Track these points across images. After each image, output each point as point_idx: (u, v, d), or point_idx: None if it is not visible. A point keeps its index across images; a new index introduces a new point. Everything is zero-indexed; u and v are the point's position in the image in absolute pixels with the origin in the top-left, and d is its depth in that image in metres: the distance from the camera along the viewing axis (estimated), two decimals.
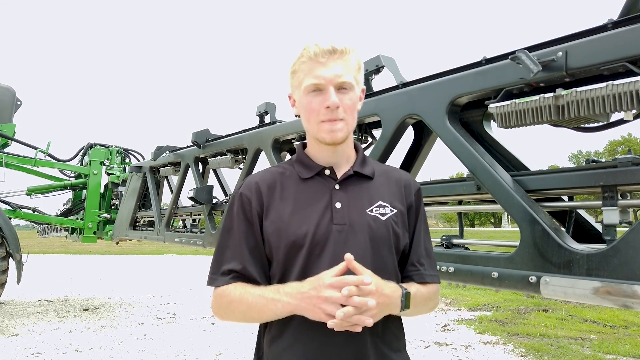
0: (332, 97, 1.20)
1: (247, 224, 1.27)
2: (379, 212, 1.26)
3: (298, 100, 1.28)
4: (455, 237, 2.10)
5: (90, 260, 18.68)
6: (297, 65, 1.25)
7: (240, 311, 1.22)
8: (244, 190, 1.29)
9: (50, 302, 8.56)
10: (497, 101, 1.83)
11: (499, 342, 5.88)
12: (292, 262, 1.21)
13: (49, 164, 7.64)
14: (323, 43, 1.21)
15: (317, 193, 1.26)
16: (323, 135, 1.24)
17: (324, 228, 1.21)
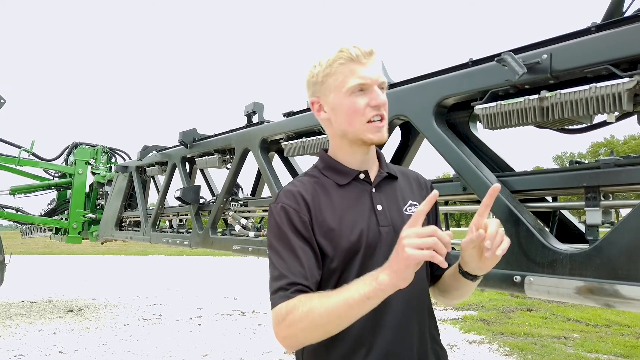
0: (381, 96, 1.23)
1: (299, 235, 1.21)
2: (412, 212, 1.29)
3: (336, 102, 1.26)
4: None
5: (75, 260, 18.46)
6: (335, 67, 1.24)
7: (319, 318, 1.07)
8: (287, 201, 1.24)
9: (34, 304, 8.45)
10: (483, 103, 1.85)
11: (483, 341, 5.95)
12: (348, 267, 1.21)
13: (33, 163, 7.54)
14: (362, 45, 1.23)
15: (358, 197, 1.27)
16: (370, 135, 1.25)
17: (374, 231, 1.23)
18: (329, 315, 1.07)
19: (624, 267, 1.39)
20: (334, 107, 1.27)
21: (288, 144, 2.99)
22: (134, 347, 5.51)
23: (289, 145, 2.98)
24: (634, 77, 1.44)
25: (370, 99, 1.23)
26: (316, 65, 1.27)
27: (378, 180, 1.31)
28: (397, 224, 1.25)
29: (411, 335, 1.23)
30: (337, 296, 1.07)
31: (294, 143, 2.93)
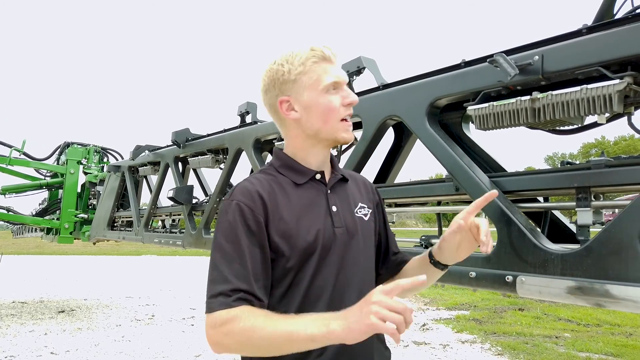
0: (353, 94, 1.27)
1: (251, 236, 1.17)
2: (362, 214, 1.34)
3: (311, 100, 1.24)
4: (434, 238, 2.13)
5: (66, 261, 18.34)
6: (308, 65, 1.24)
7: (259, 340, 1.06)
8: (242, 199, 1.19)
9: (25, 304, 8.39)
10: (476, 103, 1.85)
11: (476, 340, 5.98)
12: (303, 268, 1.20)
13: (24, 162, 7.48)
14: (330, 46, 1.26)
15: (315, 198, 1.28)
16: (343, 134, 1.27)
17: (329, 232, 1.24)
18: (270, 341, 1.06)
19: (615, 267, 1.40)
20: (308, 105, 1.25)
21: (281, 144, 2.99)
22: (127, 348, 5.49)
23: (282, 145, 2.98)
24: (625, 78, 1.45)
25: (342, 97, 1.26)
26: (283, 64, 1.25)
27: (333, 182, 1.32)
28: (349, 225, 1.29)
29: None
30: (283, 325, 1.05)
31: None
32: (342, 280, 1.23)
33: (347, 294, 1.22)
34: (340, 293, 1.22)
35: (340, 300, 1.20)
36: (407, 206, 2.46)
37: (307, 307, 1.18)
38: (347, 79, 1.29)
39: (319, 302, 1.20)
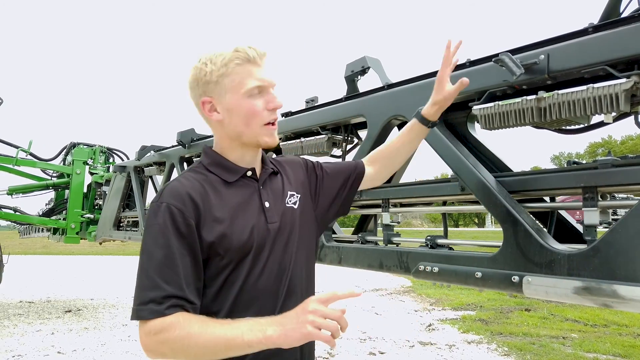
0: (278, 98, 1.24)
1: (181, 239, 1.14)
2: (292, 202, 1.35)
3: (232, 103, 1.23)
4: (440, 238, 2.12)
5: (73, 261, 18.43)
6: (231, 67, 1.21)
7: (196, 347, 1.07)
8: (171, 201, 1.16)
9: (32, 304, 8.44)
10: (481, 103, 1.85)
11: (482, 341, 5.95)
12: (239, 266, 1.20)
13: (31, 163, 7.52)
14: (257, 46, 1.22)
15: (247, 195, 1.27)
16: (266, 139, 1.25)
17: (263, 229, 1.24)
18: (207, 348, 1.06)
19: (622, 267, 1.39)
20: (229, 108, 1.23)
21: (286, 144, 2.99)
22: (133, 347, 5.50)
23: (287, 145, 2.98)
24: (631, 77, 1.44)
25: (267, 101, 1.23)
26: (207, 64, 1.23)
27: (264, 177, 1.33)
28: (283, 219, 1.30)
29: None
30: (219, 330, 1.07)
31: (292, 143, 2.93)
32: (278, 273, 1.24)
33: (282, 287, 1.24)
34: (276, 287, 1.24)
35: (276, 294, 1.22)
36: (412, 206, 2.45)
37: (241, 306, 1.18)
38: (274, 81, 1.24)
39: (255, 300, 1.20)
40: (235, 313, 1.18)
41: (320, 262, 2.65)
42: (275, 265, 1.24)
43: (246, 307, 1.19)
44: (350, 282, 12.20)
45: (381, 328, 6.65)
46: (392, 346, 5.69)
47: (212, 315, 1.17)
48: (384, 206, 2.42)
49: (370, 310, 8.06)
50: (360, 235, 2.53)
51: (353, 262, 2.43)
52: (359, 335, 6.24)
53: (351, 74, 2.68)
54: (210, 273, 1.19)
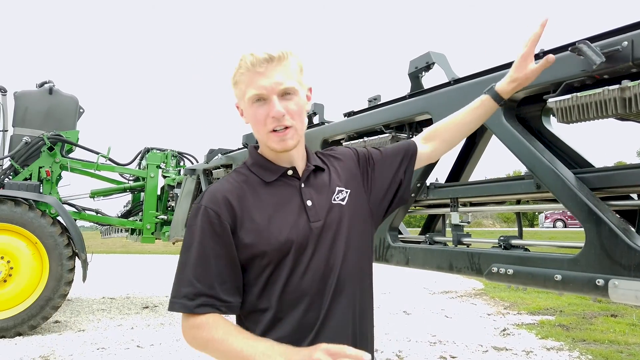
0: (276, 107, 1.20)
1: (216, 239, 1.21)
2: (340, 199, 1.32)
3: (244, 110, 1.28)
4: (514, 238, 2.01)
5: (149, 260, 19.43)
6: (237, 76, 1.25)
7: (216, 352, 1.18)
8: (208, 204, 1.23)
9: (113, 300, 8.98)
10: (557, 95, 1.74)
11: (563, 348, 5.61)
12: (280, 265, 1.21)
13: (110, 167, 8.01)
14: (258, 52, 1.20)
15: (287, 195, 1.28)
16: (273, 145, 1.25)
17: (305, 228, 1.24)
18: (224, 356, 1.16)
19: None
20: (245, 114, 1.29)
21: (349, 144, 2.97)
22: None
23: (350, 145, 2.96)
24: None
25: (267, 109, 1.21)
26: (233, 69, 1.27)
27: (306, 175, 1.31)
28: (327, 217, 1.27)
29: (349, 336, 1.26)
30: (237, 344, 1.14)
31: (355, 143, 2.91)
32: (324, 272, 1.24)
33: (329, 286, 1.24)
34: (322, 286, 1.23)
35: (322, 294, 1.22)
36: (483, 205, 2.35)
37: (287, 305, 1.21)
38: (277, 86, 1.20)
39: (301, 300, 1.21)
40: (282, 312, 1.21)
41: (386, 262, 2.62)
42: (320, 264, 1.24)
43: (292, 305, 1.21)
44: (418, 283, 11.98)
45: (452, 331, 6.47)
46: (464, 350, 5.51)
47: (260, 312, 1.22)
48: (453, 205, 2.34)
49: (440, 313, 7.86)
50: (428, 236, 2.47)
51: (421, 263, 2.37)
52: (429, 338, 6.10)
53: (415, 70, 2.62)
54: (253, 272, 1.23)
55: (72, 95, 7.94)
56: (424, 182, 2.47)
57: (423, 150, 1.54)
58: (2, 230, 6.11)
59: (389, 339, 6.02)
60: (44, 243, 6.17)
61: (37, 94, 7.61)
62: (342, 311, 1.25)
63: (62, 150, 7.44)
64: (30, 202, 6.34)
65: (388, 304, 8.78)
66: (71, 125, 7.77)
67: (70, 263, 6.29)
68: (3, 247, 6.10)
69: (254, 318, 1.24)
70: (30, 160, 7.23)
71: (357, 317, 1.29)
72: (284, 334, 1.20)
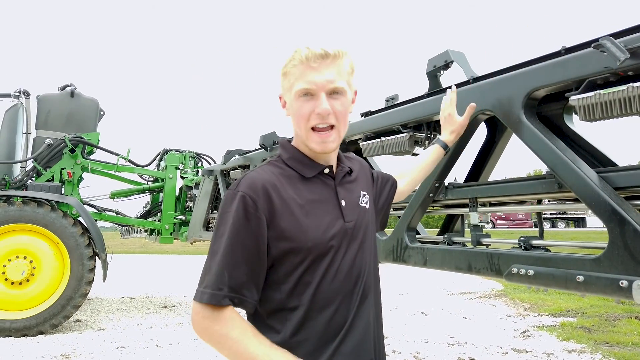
0: (323, 104, 1.19)
1: (249, 230, 1.16)
2: (364, 202, 1.35)
3: (289, 102, 1.26)
4: (535, 238, 1.98)
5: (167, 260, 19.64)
6: (289, 67, 1.23)
7: (227, 350, 1.14)
8: (247, 191, 1.17)
9: (133, 299, 9.09)
10: (579, 93, 1.71)
11: (585, 350, 5.51)
12: (314, 265, 1.19)
13: (130, 169, 8.11)
14: (315, 46, 1.18)
15: (324, 192, 1.27)
16: (313, 145, 1.23)
17: (340, 228, 1.23)
18: (235, 357, 1.13)
19: None
20: (289, 106, 1.27)
21: (366, 144, 2.96)
22: None
23: (367, 145, 2.95)
24: None
25: (313, 105, 1.20)
26: (283, 61, 1.26)
27: (340, 176, 1.32)
28: (358, 218, 1.29)
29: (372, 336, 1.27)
30: (252, 349, 1.11)
31: (373, 143, 2.89)
32: (355, 274, 1.24)
33: (357, 289, 1.24)
34: (351, 288, 1.23)
35: (350, 297, 1.22)
36: (502, 205, 2.32)
37: (317, 306, 1.18)
38: (329, 84, 1.19)
39: (331, 302, 1.20)
40: (313, 311, 1.18)
41: (404, 263, 2.60)
42: (351, 265, 1.23)
43: (324, 306, 1.19)
44: (436, 284, 11.89)
45: (470, 333, 6.39)
46: (483, 352, 5.44)
47: (289, 311, 1.18)
48: (472, 205, 2.31)
49: (458, 314, 7.78)
50: (447, 236, 2.44)
51: (439, 264, 2.34)
52: (447, 339, 6.04)
53: (433, 69, 2.59)
54: (284, 269, 1.19)
55: (93, 98, 8.07)
56: (442, 182, 2.45)
57: (400, 186, 1.67)
58: (25, 231, 6.24)
59: (406, 340, 5.98)
60: (66, 243, 6.27)
61: (59, 97, 7.75)
62: (366, 313, 1.25)
63: (83, 152, 7.56)
64: (53, 203, 6.46)
65: (405, 304, 8.72)
66: (92, 127, 7.89)
67: (91, 263, 6.38)
68: (26, 247, 6.22)
69: (281, 316, 1.20)
70: (52, 162, 7.36)
71: (376, 319, 1.30)
72: (313, 334, 1.17)
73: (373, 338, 1.26)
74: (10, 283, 6.08)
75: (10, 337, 5.90)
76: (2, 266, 6.07)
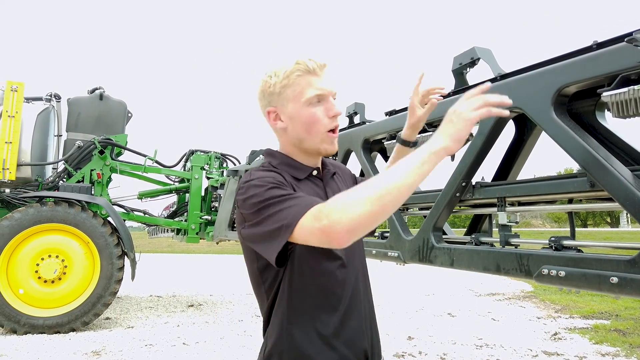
0: (336, 107, 1.31)
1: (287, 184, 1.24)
2: None
3: (294, 112, 1.30)
4: (566, 239, 1.93)
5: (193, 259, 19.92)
6: (292, 78, 1.29)
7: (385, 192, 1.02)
8: (271, 175, 1.25)
9: (160, 298, 9.25)
10: (612, 89, 1.65)
11: (619, 354, 5.35)
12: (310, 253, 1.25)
13: (157, 170, 8.25)
14: (317, 58, 1.29)
15: (317, 191, 1.36)
16: (326, 146, 1.33)
17: None
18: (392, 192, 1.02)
19: None
20: (292, 116, 1.31)
21: (391, 143, 2.94)
22: (248, 342, 5.78)
23: (391, 144, 2.93)
24: None
25: (327, 109, 1.29)
26: (272, 76, 1.31)
27: (328, 177, 1.42)
28: None
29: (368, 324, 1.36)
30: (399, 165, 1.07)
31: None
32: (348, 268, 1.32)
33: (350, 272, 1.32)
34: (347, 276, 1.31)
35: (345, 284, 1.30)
36: (532, 205, 2.27)
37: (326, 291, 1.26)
38: (333, 90, 1.31)
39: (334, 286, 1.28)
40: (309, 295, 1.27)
41: (430, 264, 2.56)
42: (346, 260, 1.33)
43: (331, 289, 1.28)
44: (463, 285, 11.73)
45: (499, 335, 6.28)
46: (512, 355, 5.34)
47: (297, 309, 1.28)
48: (500, 205, 2.26)
49: (487, 316, 7.65)
50: (474, 237, 2.40)
51: (466, 264, 2.30)
52: (475, 341, 5.95)
53: (459, 66, 2.55)
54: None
55: (121, 100, 8.24)
56: (470, 181, 2.41)
57: None
58: (57, 231, 6.41)
59: (433, 341, 5.91)
60: (96, 243, 6.42)
61: (88, 99, 7.94)
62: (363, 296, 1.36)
63: (112, 153, 7.72)
64: (83, 203, 6.62)
65: (432, 305, 8.63)
66: (120, 129, 8.06)
67: (120, 262, 6.52)
68: (58, 246, 6.39)
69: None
70: (82, 163, 7.55)
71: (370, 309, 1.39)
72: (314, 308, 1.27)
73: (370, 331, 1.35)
74: (43, 281, 6.26)
75: (43, 333, 6.07)
76: (35, 265, 6.26)
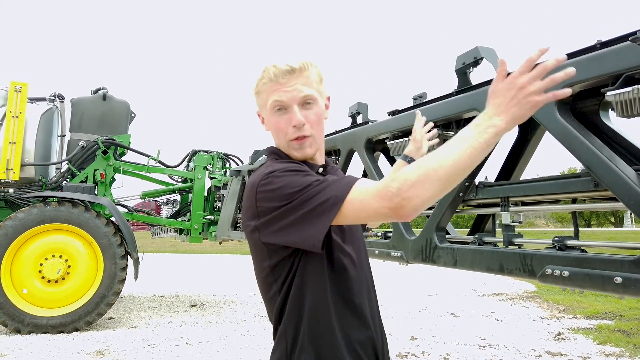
0: (297, 116, 1.27)
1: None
2: None
3: (266, 118, 1.35)
4: (570, 239, 1.92)
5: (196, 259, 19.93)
6: (260, 86, 1.32)
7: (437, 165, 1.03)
8: (293, 164, 1.28)
9: (163, 298, 9.26)
10: (616, 88, 1.65)
11: (623, 354, 5.33)
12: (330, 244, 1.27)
13: (160, 170, 8.26)
14: (280, 64, 1.26)
15: None
16: (294, 152, 1.32)
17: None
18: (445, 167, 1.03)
19: None
20: (266, 122, 1.36)
21: (394, 143, 2.93)
22: (251, 342, 5.79)
23: (394, 144, 2.92)
24: None
25: (288, 118, 1.28)
26: (256, 81, 1.35)
27: (332, 173, 1.41)
28: None
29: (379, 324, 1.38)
30: (455, 146, 1.05)
31: (400, 142, 2.86)
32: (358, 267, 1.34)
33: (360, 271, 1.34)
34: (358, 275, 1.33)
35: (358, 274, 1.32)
36: (536, 205, 2.26)
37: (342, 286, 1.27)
38: (297, 97, 1.27)
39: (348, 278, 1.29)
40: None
41: (433, 264, 2.56)
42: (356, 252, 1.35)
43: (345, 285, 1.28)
44: (466, 285, 11.71)
45: (502, 335, 6.27)
46: (516, 355, 5.32)
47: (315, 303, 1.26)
48: (503, 205, 2.26)
49: (490, 316, 7.64)
50: (477, 237, 2.39)
51: (469, 264, 2.30)
52: (478, 341, 5.93)
53: (462, 66, 2.55)
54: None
55: (124, 100, 8.26)
56: (473, 181, 2.40)
57: None
58: (61, 231, 6.42)
59: (436, 341, 5.90)
60: (99, 242, 6.43)
61: (91, 100, 7.96)
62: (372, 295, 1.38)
63: (115, 153, 7.74)
64: (86, 203, 6.63)
65: (435, 305, 8.62)
66: (123, 129, 8.08)
67: (123, 262, 6.53)
68: (62, 246, 6.41)
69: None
70: (86, 163, 7.57)
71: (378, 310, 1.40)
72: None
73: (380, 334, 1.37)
74: (47, 281, 6.27)
75: (47, 333, 6.09)
76: (39, 265, 6.27)
